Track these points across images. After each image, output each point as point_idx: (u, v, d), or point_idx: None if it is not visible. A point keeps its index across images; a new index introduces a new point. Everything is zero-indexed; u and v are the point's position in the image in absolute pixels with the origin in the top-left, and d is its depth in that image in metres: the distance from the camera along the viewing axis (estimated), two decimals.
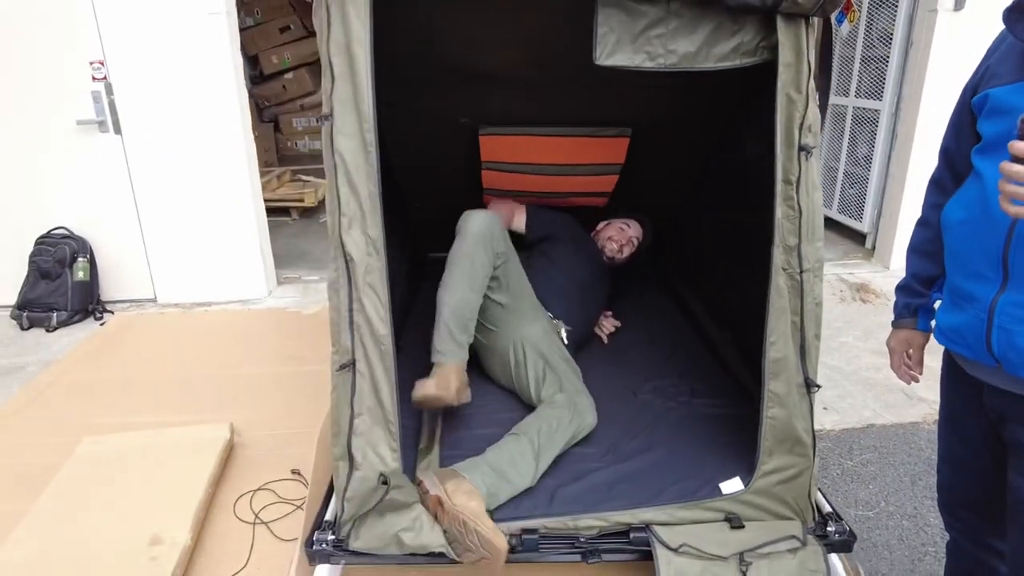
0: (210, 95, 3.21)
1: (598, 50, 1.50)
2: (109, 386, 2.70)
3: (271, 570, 1.77)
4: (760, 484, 1.58)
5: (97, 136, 3.24)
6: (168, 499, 1.89)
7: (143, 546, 1.71)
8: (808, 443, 1.60)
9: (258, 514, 1.96)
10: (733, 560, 1.47)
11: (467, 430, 1.94)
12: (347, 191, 1.51)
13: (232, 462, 2.21)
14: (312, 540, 1.54)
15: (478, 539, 1.44)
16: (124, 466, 2.05)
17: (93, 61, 3.11)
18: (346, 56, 1.48)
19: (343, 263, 1.52)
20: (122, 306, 3.54)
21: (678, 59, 1.52)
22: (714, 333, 2.43)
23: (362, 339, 1.51)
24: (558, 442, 1.76)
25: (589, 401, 1.93)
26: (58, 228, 3.36)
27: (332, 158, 1.50)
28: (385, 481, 1.48)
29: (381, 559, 1.54)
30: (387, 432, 1.51)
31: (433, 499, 1.50)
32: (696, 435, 1.89)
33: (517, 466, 1.65)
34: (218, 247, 3.48)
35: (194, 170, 3.33)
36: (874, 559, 1.87)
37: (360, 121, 1.50)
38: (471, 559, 1.45)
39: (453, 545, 1.48)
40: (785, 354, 1.59)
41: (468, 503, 1.48)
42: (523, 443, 1.71)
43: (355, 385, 1.50)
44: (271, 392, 2.64)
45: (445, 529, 1.49)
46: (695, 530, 1.54)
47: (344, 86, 1.50)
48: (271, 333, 3.18)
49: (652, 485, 1.68)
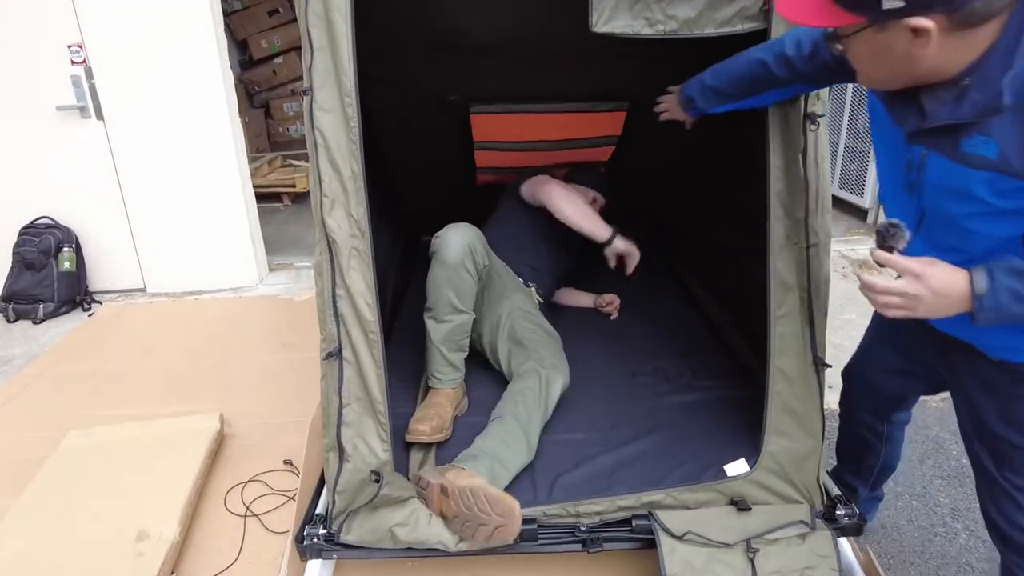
0: (194, 79, 3.11)
1: (594, 16, 1.43)
2: (97, 378, 2.63)
3: (263, 564, 1.72)
4: (766, 464, 1.53)
5: (79, 122, 3.14)
6: (156, 493, 1.84)
7: (130, 542, 1.66)
8: (816, 423, 1.54)
9: (249, 506, 1.91)
10: (739, 547, 1.42)
11: (464, 417, 1.88)
12: (328, 170, 1.44)
13: (223, 453, 2.15)
14: (303, 535, 1.49)
15: (489, 505, 1.38)
16: (111, 459, 2.00)
17: (71, 44, 3.00)
18: (325, 26, 1.41)
19: (326, 245, 1.45)
20: (111, 296, 3.46)
21: (678, 25, 1.45)
22: (716, 314, 2.37)
23: (347, 326, 1.45)
24: (537, 409, 1.74)
25: (557, 361, 1.90)
26: (42, 218, 3.28)
27: (313, 135, 1.43)
28: (377, 479, 1.42)
29: (374, 553, 1.49)
30: (377, 422, 1.45)
31: (436, 488, 1.45)
32: (699, 417, 1.84)
33: (510, 446, 1.62)
34: (208, 235, 3.40)
35: (180, 156, 3.23)
36: (883, 541, 1.82)
37: (341, 95, 1.43)
38: (486, 533, 1.39)
39: (464, 529, 1.42)
40: (792, 329, 1.53)
41: (471, 481, 1.44)
42: (508, 423, 1.68)
43: (342, 373, 1.44)
44: (263, 381, 2.58)
45: (455, 515, 1.43)
46: (700, 516, 1.49)
47: (324, 58, 1.42)
48: (263, 321, 3.11)
49: (655, 469, 1.62)
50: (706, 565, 1.39)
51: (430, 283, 1.84)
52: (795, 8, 0.95)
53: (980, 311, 0.96)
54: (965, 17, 0.85)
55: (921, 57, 0.90)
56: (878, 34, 0.91)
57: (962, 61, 0.90)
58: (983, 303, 0.95)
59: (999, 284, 0.94)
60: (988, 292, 0.94)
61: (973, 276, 0.95)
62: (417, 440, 1.70)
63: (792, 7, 0.96)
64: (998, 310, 0.94)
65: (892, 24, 0.88)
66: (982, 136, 0.92)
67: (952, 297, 0.97)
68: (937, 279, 0.97)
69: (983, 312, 0.96)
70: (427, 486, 1.47)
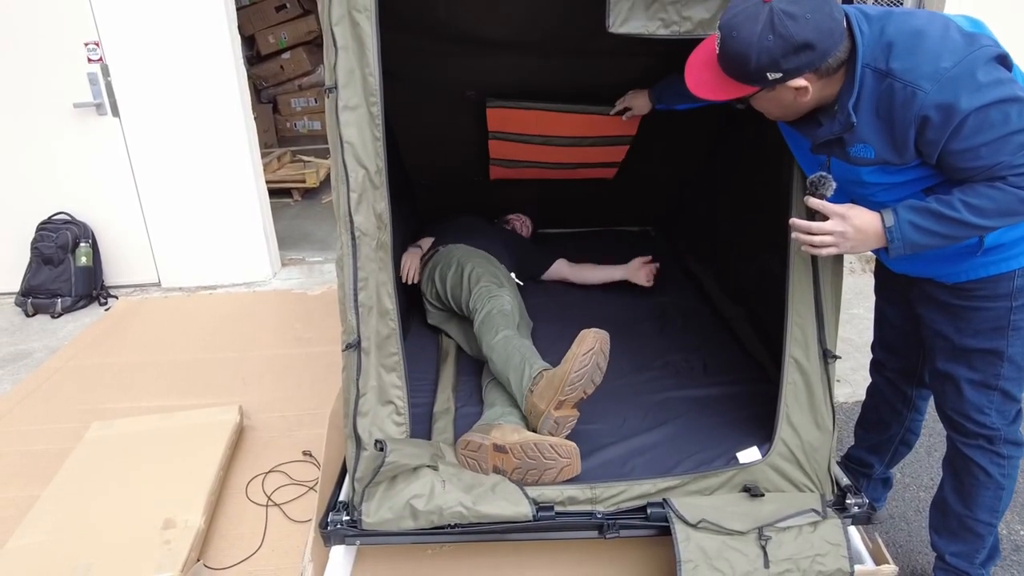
0: (208, 75, 3.14)
1: (611, 17, 1.45)
2: (116, 371, 2.68)
3: (286, 552, 1.77)
4: (779, 451, 1.57)
5: (95, 119, 3.18)
6: (179, 483, 1.88)
7: (156, 530, 1.70)
8: (827, 413, 1.58)
9: (271, 496, 1.96)
10: (752, 534, 1.45)
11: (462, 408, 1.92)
12: (355, 166, 1.48)
13: (242, 445, 2.20)
14: (327, 521, 1.53)
15: (555, 451, 1.53)
16: (134, 450, 2.04)
17: (88, 42, 3.04)
18: (349, 25, 1.44)
19: (350, 239, 1.49)
20: (126, 291, 3.51)
21: (693, 26, 1.47)
22: (727, 308, 2.40)
23: (367, 317, 1.49)
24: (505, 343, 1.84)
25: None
26: (59, 213, 3.32)
27: (337, 132, 1.46)
28: (381, 447, 1.46)
29: (395, 538, 1.53)
30: (394, 410, 1.49)
31: (489, 448, 1.55)
32: (710, 410, 1.87)
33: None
34: (221, 230, 3.44)
35: (195, 152, 3.27)
36: (892, 531, 1.85)
37: (366, 94, 1.46)
38: (552, 475, 1.54)
39: (528, 475, 1.54)
40: (807, 322, 1.57)
41: (524, 434, 1.56)
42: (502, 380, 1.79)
43: (360, 364, 1.48)
44: (279, 374, 2.63)
45: (515, 468, 1.54)
46: (714, 503, 1.52)
47: (348, 57, 1.45)
48: (277, 315, 3.15)
49: (669, 457, 1.66)
50: (719, 552, 1.43)
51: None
52: (702, 87, 1.27)
53: (891, 242, 1.23)
54: (825, 69, 1.18)
55: (804, 101, 1.23)
56: (770, 93, 1.24)
57: (832, 94, 1.24)
58: (892, 234, 1.23)
59: (902, 218, 1.22)
60: (895, 225, 1.22)
61: (883, 214, 1.24)
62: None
63: (700, 86, 1.27)
64: (904, 240, 1.22)
65: (778, 87, 1.20)
66: (862, 144, 1.24)
67: (869, 232, 1.25)
68: (858, 218, 1.26)
69: (893, 243, 1.23)
70: (478, 448, 1.56)
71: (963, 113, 1.10)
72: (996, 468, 1.45)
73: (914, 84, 1.13)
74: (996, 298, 1.33)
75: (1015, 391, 1.41)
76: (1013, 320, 1.34)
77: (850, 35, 1.18)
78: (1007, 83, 1.11)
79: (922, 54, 1.13)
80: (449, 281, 2.23)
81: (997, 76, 1.11)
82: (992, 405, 1.41)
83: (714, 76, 1.25)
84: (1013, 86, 1.11)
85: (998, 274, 1.31)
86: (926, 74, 1.12)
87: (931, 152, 1.16)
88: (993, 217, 1.16)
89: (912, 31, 1.15)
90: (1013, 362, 1.38)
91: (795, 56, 1.14)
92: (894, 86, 1.15)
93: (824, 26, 1.13)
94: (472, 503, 1.48)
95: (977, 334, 1.37)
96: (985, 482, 1.47)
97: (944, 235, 1.20)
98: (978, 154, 1.13)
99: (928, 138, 1.15)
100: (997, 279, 1.31)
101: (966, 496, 1.50)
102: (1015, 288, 1.32)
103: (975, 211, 1.16)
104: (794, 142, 1.47)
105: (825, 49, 1.14)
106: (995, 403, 1.41)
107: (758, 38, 1.13)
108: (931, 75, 1.11)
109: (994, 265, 1.30)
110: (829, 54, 1.15)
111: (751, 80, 1.20)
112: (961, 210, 1.16)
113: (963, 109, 1.09)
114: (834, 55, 1.16)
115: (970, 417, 1.44)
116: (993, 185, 1.14)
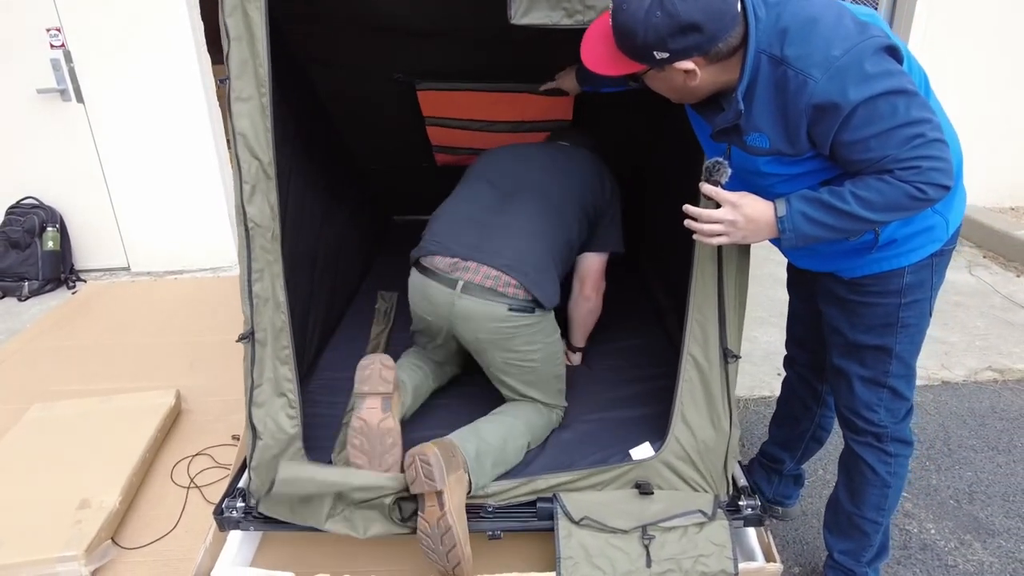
0: (172, 62, 3.16)
1: (513, 7, 1.44)
2: (71, 354, 2.73)
3: (198, 534, 1.80)
4: (672, 449, 1.56)
5: (60, 104, 3.22)
6: (104, 463, 1.93)
7: (71, 509, 1.75)
8: (724, 413, 1.57)
9: (193, 479, 1.99)
10: (636, 533, 1.46)
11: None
12: (248, 157, 1.49)
13: (177, 428, 2.24)
14: (222, 507, 1.56)
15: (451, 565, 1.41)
16: (67, 432, 2.09)
17: (49, 28, 3.07)
18: (241, 16, 1.44)
19: (244, 231, 1.50)
20: (96, 275, 3.57)
21: (597, 14, 1.45)
22: (663, 300, 2.39)
23: (261, 307, 1.50)
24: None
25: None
26: (27, 198, 3.38)
27: (231, 124, 1.47)
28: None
29: (293, 527, 1.55)
30: (287, 403, 1.51)
31: (432, 496, 1.40)
32: (624, 404, 1.87)
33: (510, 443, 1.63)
34: (187, 216, 3.48)
35: (160, 138, 3.31)
36: (801, 527, 1.84)
37: (257, 85, 1.46)
38: (431, 558, 1.43)
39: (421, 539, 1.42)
40: (707, 319, 1.55)
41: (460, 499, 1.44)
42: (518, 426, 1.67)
43: (254, 355, 1.50)
44: (229, 359, 2.65)
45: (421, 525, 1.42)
46: (602, 499, 1.53)
47: (240, 48, 1.45)
48: (236, 301, 3.17)
49: (568, 455, 1.66)
50: (601, 550, 1.44)
51: None
52: (594, 60, 1.23)
53: (783, 232, 1.20)
54: (716, 54, 1.15)
55: (695, 85, 1.20)
56: (660, 73, 1.20)
57: (729, 80, 1.20)
58: (783, 224, 1.20)
59: (794, 208, 1.19)
60: (787, 215, 1.19)
61: (776, 204, 1.21)
62: None
63: (592, 59, 1.24)
64: (796, 231, 1.19)
65: (667, 67, 1.17)
66: (757, 133, 1.21)
67: (761, 222, 1.22)
68: (750, 207, 1.23)
69: (785, 234, 1.20)
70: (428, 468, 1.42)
71: (852, 104, 1.08)
72: (883, 466, 1.45)
73: (805, 72, 1.10)
74: (887, 294, 1.32)
75: (904, 389, 1.41)
76: (902, 317, 1.33)
77: (744, 20, 1.14)
78: (896, 75, 1.08)
79: (815, 41, 1.10)
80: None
81: (886, 67, 1.08)
82: (881, 403, 1.41)
83: (608, 50, 1.21)
84: (902, 78, 1.09)
85: (890, 270, 1.30)
86: (817, 62, 1.09)
87: (823, 143, 1.15)
88: (881, 211, 1.13)
89: (807, 18, 1.12)
90: (901, 359, 1.37)
91: (682, 36, 1.11)
92: (788, 74, 1.12)
93: (714, 8, 1.09)
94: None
95: (868, 330, 1.37)
96: (872, 480, 1.47)
97: (835, 227, 1.17)
98: (867, 146, 1.11)
99: (819, 128, 1.13)
100: (888, 275, 1.31)
101: (855, 494, 1.50)
102: (905, 285, 1.31)
103: (864, 204, 1.13)
104: (699, 128, 1.44)
105: (714, 32, 1.11)
106: (884, 400, 1.41)
107: (645, 13, 1.10)
108: (821, 63, 1.09)
109: (886, 261, 1.30)
110: (719, 38, 1.12)
111: (639, 57, 1.17)
112: (851, 202, 1.14)
113: (852, 100, 1.07)
114: (725, 39, 1.12)
115: (859, 414, 1.43)
116: (881, 178, 1.12)
